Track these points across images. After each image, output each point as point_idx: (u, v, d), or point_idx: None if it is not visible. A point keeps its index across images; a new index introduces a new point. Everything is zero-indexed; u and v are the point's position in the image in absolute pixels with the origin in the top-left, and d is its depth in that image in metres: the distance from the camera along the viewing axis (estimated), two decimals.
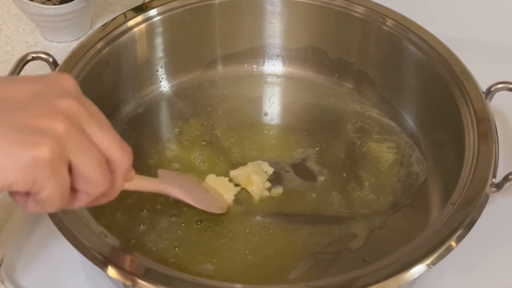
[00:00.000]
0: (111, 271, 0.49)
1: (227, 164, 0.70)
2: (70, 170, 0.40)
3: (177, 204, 0.65)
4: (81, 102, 0.41)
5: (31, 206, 0.40)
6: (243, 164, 0.70)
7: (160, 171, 0.64)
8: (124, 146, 0.43)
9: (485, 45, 0.86)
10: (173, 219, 0.64)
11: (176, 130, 0.74)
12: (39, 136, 0.37)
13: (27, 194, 0.39)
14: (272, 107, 0.79)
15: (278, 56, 0.83)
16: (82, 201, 0.42)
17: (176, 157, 0.71)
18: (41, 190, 0.38)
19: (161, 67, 0.78)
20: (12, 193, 0.40)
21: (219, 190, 0.67)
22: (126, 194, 0.65)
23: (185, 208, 0.65)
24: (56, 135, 0.38)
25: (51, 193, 0.38)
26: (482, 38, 0.87)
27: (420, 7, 0.81)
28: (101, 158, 0.41)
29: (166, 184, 0.61)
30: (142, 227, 0.63)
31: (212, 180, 0.67)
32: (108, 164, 0.41)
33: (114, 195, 0.44)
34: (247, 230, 0.64)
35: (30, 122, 0.38)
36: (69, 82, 0.42)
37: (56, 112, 0.39)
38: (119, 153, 0.42)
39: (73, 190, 0.41)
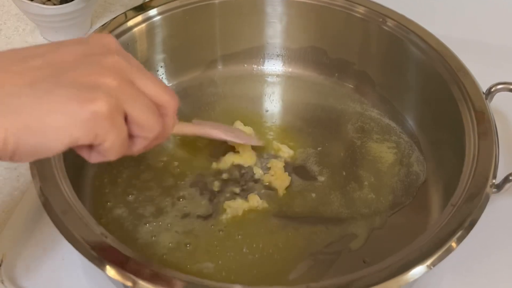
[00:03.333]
0: (111, 271, 0.49)
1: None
2: (126, 119, 0.43)
3: (178, 204, 0.65)
4: (124, 57, 0.44)
5: (95, 157, 0.43)
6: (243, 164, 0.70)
7: (194, 121, 0.69)
8: (169, 90, 0.46)
9: (485, 45, 0.86)
10: (173, 219, 0.64)
11: None
12: (94, 92, 0.40)
13: (90, 146, 0.42)
14: (272, 107, 0.79)
15: (278, 56, 0.83)
16: (139, 145, 0.45)
17: (176, 157, 0.71)
18: (103, 142, 0.41)
19: (161, 67, 0.78)
20: (77, 147, 0.42)
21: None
22: (127, 191, 0.66)
23: (185, 207, 0.65)
24: (109, 89, 0.41)
25: (113, 142, 0.41)
26: (482, 38, 0.87)
27: (420, 7, 0.81)
28: (151, 104, 0.44)
29: (208, 127, 0.66)
30: (141, 224, 0.63)
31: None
32: (158, 108, 0.45)
33: (167, 136, 0.48)
34: (247, 230, 0.64)
35: (83, 81, 0.40)
36: (110, 40, 0.46)
37: (105, 69, 0.42)
38: (166, 96, 0.45)
39: (130, 136, 0.44)
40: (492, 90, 0.65)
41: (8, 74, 0.40)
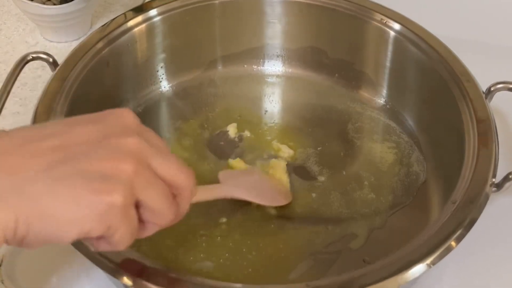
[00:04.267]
0: (111, 271, 0.49)
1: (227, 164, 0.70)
2: (137, 205, 0.41)
3: None
4: (144, 137, 0.42)
5: (103, 246, 0.41)
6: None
7: (221, 173, 0.64)
8: (186, 171, 0.44)
9: (485, 45, 0.86)
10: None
11: (176, 130, 0.74)
12: (110, 182, 0.38)
13: (100, 236, 0.40)
14: (272, 107, 0.79)
15: (278, 56, 0.83)
16: (150, 231, 0.44)
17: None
18: (114, 233, 0.39)
19: (161, 67, 0.78)
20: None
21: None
22: None
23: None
24: (126, 179, 0.39)
25: (124, 234, 0.40)
26: (482, 38, 0.87)
27: (420, 7, 0.82)
28: (166, 190, 0.42)
29: (229, 187, 0.61)
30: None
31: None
32: (173, 189, 0.43)
33: (180, 218, 0.46)
34: (247, 230, 0.64)
35: (99, 168, 0.39)
36: (129, 117, 0.44)
37: (122, 153, 0.40)
38: (183, 179, 0.43)
39: (141, 221, 0.42)
40: (492, 89, 0.65)
41: (23, 157, 0.38)
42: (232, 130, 0.74)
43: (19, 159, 0.38)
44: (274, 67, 0.83)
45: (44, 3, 0.82)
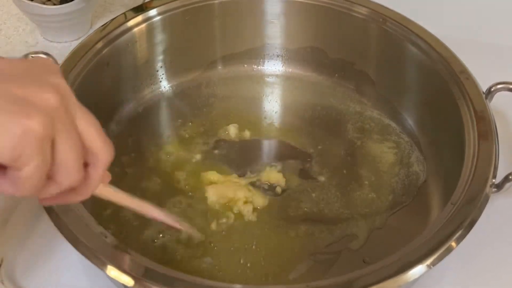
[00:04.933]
0: (111, 271, 0.49)
1: (227, 164, 0.71)
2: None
3: (179, 204, 0.65)
4: (67, 85, 0.40)
5: (5, 185, 0.38)
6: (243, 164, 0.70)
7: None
8: (107, 140, 0.41)
9: (485, 45, 0.86)
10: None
11: (176, 130, 0.74)
12: (32, 107, 0.36)
13: (4, 170, 0.38)
14: (272, 107, 0.79)
15: (278, 56, 0.83)
16: (50, 191, 0.40)
17: (175, 156, 0.71)
18: (23, 166, 0.36)
19: (161, 67, 0.78)
20: None
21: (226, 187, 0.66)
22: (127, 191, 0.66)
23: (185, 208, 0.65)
24: (48, 109, 0.37)
25: (33, 171, 0.37)
26: (482, 38, 0.86)
27: (420, 7, 0.81)
28: (80, 148, 0.39)
29: (144, 202, 0.54)
30: (141, 223, 0.63)
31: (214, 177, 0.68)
32: (88, 156, 0.40)
33: (86, 192, 0.42)
34: (247, 230, 0.64)
35: (23, 92, 0.37)
36: (54, 65, 0.42)
37: (47, 85, 0.38)
38: (101, 144, 0.41)
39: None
40: (492, 89, 0.65)
41: None
42: (232, 130, 0.74)
43: None
44: (274, 67, 0.83)
45: (44, 3, 0.82)
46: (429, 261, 0.50)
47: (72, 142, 0.38)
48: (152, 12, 0.75)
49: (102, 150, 0.41)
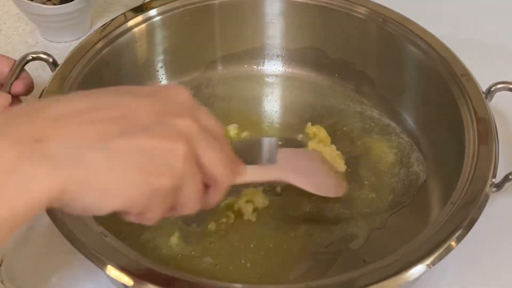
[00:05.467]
0: (111, 271, 0.49)
1: None
2: None
3: None
4: (197, 117, 0.42)
5: (132, 218, 0.41)
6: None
7: (280, 151, 0.58)
8: (228, 165, 0.44)
9: (485, 45, 0.86)
10: (174, 218, 0.64)
11: None
12: (161, 166, 0.39)
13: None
14: (272, 107, 0.79)
15: (278, 56, 0.83)
16: (173, 214, 0.44)
17: None
18: (148, 213, 0.40)
19: (161, 67, 0.78)
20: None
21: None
22: None
23: None
24: (177, 164, 0.39)
25: (156, 216, 0.41)
26: (482, 38, 0.86)
27: (420, 7, 0.81)
28: (201, 186, 0.42)
29: (285, 171, 0.57)
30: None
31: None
32: (208, 180, 0.43)
33: (206, 208, 0.46)
34: (247, 230, 0.64)
35: (154, 146, 0.39)
36: (184, 94, 0.44)
37: (177, 135, 0.40)
38: (222, 172, 0.43)
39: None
40: (492, 89, 0.65)
41: (79, 125, 0.37)
42: (232, 130, 0.74)
43: (75, 126, 0.37)
44: (274, 67, 0.83)
45: (44, 3, 0.82)
46: (429, 260, 0.50)
47: (197, 187, 0.42)
48: (152, 12, 0.75)
49: (223, 176, 0.43)
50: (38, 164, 0.35)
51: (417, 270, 0.49)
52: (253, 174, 0.51)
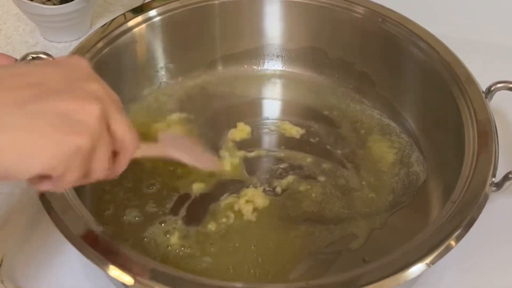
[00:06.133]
0: (111, 271, 0.49)
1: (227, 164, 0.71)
2: None
3: (178, 203, 0.66)
4: (101, 84, 0.44)
5: (47, 185, 0.42)
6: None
7: (162, 134, 0.64)
8: (134, 131, 0.46)
9: (485, 45, 0.86)
10: (174, 218, 0.64)
11: (176, 130, 0.74)
12: (79, 124, 0.40)
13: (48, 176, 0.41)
14: (272, 107, 0.79)
15: (278, 56, 0.83)
16: (82, 183, 0.44)
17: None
18: (67, 175, 0.41)
19: (161, 67, 0.78)
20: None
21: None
22: (127, 191, 0.66)
23: (184, 208, 0.65)
24: (93, 124, 0.41)
25: (74, 179, 0.41)
26: (482, 38, 0.87)
27: (420, 7, 0.81)
28: (110, 150, 0.44)
29: (169, 147, 0.61)
30: (141, 223, 0.64)
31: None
32: (117, 146, 0.45)
33: (114, 175, 0.47)
34: (247, 230, 0.64)
35: (68, 108, 0.40)
36: (85, 64, 0.45)
37: (89, 96, 0.41)
38: (131, 138, 0.45)
39: None
40: (492, 89, 0.65)
41: None
42: (232, 130, 0.74)
43: None
44: (274, 67, 0.83)
45: (44, 3, 0.82)
46: (428, 259, 0.50)
47: (107, 149, 0.43)
48: (152, 12, 0.75)
49: (132, 142, 0.45)
50: None
51: (417, 269, 0.49)
52: (144, 149, 0.54)
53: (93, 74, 0.45)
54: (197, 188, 0.67)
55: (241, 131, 0.74)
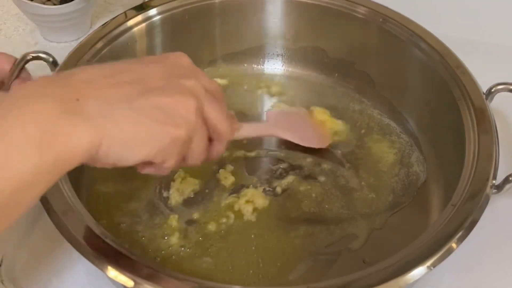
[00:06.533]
0: (111, 271, 0.49)
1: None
2: None
3: (178, 203, 0.65)
4: (199, 79, 0.48)
5: (151, 170, 0.47)
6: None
7: (268, 113, 0.71)
8: (230, 121, 0.51)
9: (485, 45, 0.86)
10: (174, 219, 0.64)
11: None
12: (179, 118, 0.44)
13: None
14: (272, 107, 0.79)
15: (278, 55, 0.83)
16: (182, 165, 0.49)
17: None
18: (167, 162, 0.46)
19: None
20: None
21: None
22: (127, 191, 0.66)
23: (183, 206, 0.65)
24: (190, 117, 0.45)
25: (171, 165, 0.46)
26: (482, 38, 0.87)
27: (420, 7, 0.81)
28: (206, 139, 0.49)
29: (274, 127, 0.66)
30: (141, 223, 0.64)
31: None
32: (213, 133, 0.49)
33: (211, 160, 0.52)
34: (247, 230, 0.64)
35: (169, 103, 0.44)
36: (185, 59, 0.50)
37: (187, 92, 0.46)
38: (226, 127, 0.50)
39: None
40: (493, 90, 0.65)
41: (105, 88, 0.43)
42: None
43: (106, 88, 0.43)
44: (274, 67, 0.83)
45: (44, 3, 0.82)
46: (429, 262, 0.50)
47: (202, 139, 0.48)
48: (152, 11, 0.75)
49: (226, 130, 0.50)
50: (79, 120, 0.40)
51: (418, 272, 0.49)
52: (246, 130, 0.59)
53: (192, 68, 0.49)
54: (197, 188, 0.68)
55: None
